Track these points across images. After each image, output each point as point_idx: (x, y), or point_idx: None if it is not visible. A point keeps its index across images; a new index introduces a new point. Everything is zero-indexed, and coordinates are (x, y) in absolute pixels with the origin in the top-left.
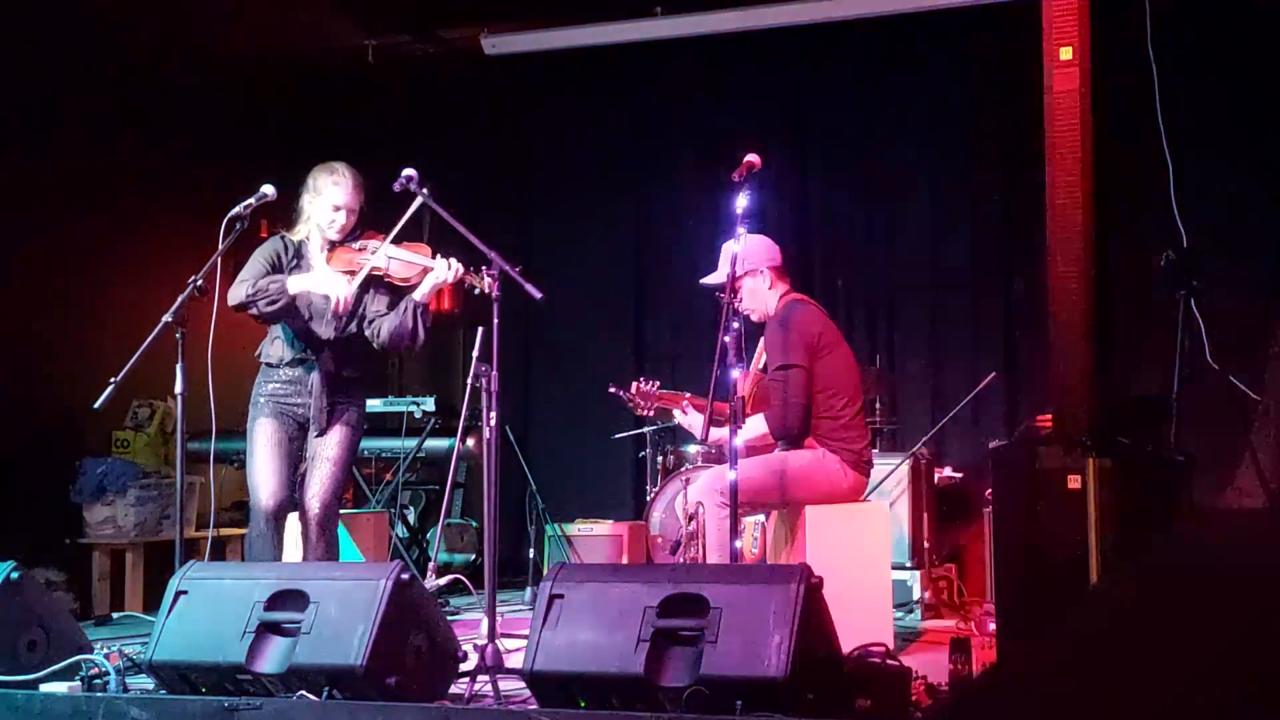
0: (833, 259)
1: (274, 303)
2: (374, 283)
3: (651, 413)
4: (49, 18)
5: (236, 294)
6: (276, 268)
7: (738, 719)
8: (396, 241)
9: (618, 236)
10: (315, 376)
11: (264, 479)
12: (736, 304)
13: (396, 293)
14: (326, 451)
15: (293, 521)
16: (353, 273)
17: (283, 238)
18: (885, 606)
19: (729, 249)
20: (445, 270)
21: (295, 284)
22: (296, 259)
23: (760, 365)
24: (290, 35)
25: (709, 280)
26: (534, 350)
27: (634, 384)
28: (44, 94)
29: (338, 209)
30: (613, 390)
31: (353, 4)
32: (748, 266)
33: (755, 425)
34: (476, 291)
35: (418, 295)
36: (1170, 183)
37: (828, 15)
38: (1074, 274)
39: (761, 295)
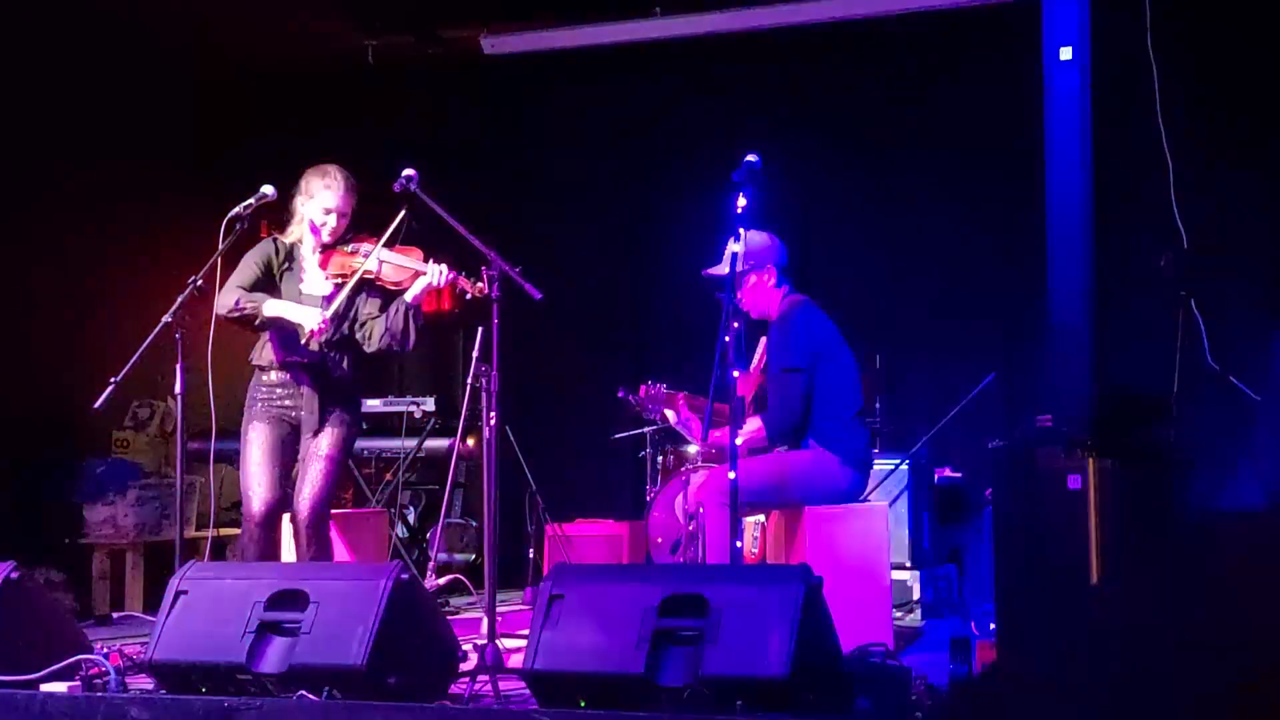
0: (833, 259)
1: (250, 321)
2: (365, 286)
3: (659, 416)
4: (46, 19)
5: (221, 303)
6: (268, 271)
7: (737, 719)
8: (388, 245)
9: (617, 236)
10: (306, 379)
11: (254, 484)
12: (738, 300)
13: (388, 296)
14: (319, 451)
15: (289, 521)
16: (344, 276)
17: (275, 240)
18: (885, 606)
19: (734, 242)
20: (436, 275)
21: (271, 308)
22: (289, 262)
23: (761, 365)
24: (290, 35)
25: (714, 271)
26: (534, 350)
27: (642, 387)
28: (43, 95)
29: (328, 212)
30: (621, 395)
31: (353, 4)
32: (754, 262)
33: (751, 427)
34: (469, 296)
35: (409, 296)
36: (1170, 183)
37: (827, 15)
38: (1073, 274)
39: (765, 292)
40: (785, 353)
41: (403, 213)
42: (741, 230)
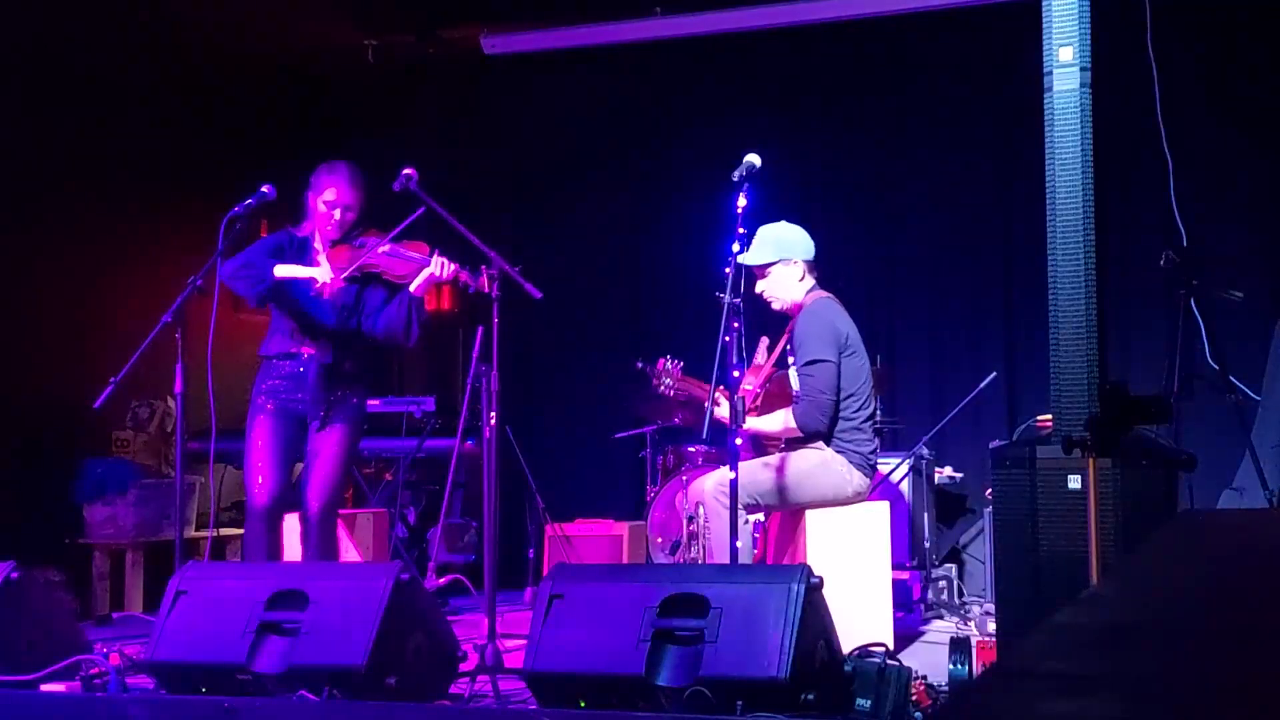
0: (833, 258)
1: (256, 283)
2: (371, 279)
3: (673, 392)
4: (47, 21)
5: (225, 269)
6: (279, 256)
7: (738, 719)
8: (396, 240)
9: (617, 236)
10: (313, 369)
11: (257, 475)
12: (758, 290)
13: (394, 289)
14: (325, 448)
15: (293, 521)
16: (349, 267)
17: (288, 231)
18: (885, 606)
19: (765, 231)
20: (439, 267)
21: (281, 270)
22: (300, 254)
23: (774, 360)
24: (290, 35)
25: (742, 259)
26: (534, 350)
27: (660, 361)
28: (44, 96)
29: (334, 206)
30: (640, 366)
31: (353, 4)
32: (785, 254)
33: (781, 419)
34: (472, 291)
35: (412, 288)
36: (1170, 182)
37: (827, 15)
38: (1074, 274)
39: (790, 285)
40: (812, 345)
41: (417, 212)
42: (740, 230)
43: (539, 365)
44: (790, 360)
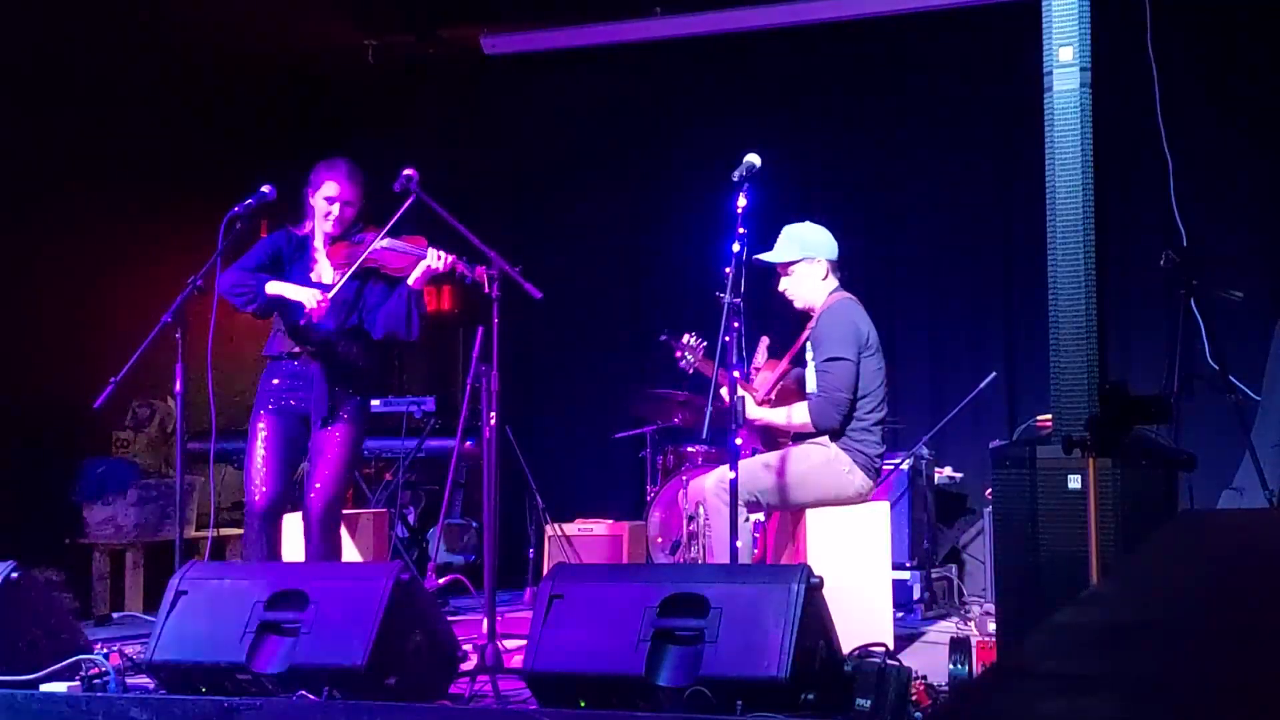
0: None
1: (250, 301)
2: (371, 274)
3: (692, 370)
4: (48, 20)
5: (224, 281)
6: (275, 260)
7: (738, 719)
8: (394, 235)
9: (617, 236)
10: (316, 368)
11: (258, 478)
12: (781, 288)
13: (393, 284)
14: (329, 447)
15: (293, 520)
16: (350, 265)
17: (288, 231)
18: (885, 606)
19: (790, 230)
20: (435, 258)
21: (272, 287)
22: (300, 253)
23: (790, 357)
24: (290, 35)
25: (766, 256)
26: (534, 350)
27: (685, 335)
28: (44, 96)
29: (333, 201)
30: (664, 338)
31: (353, 4)
32: (810, 252)
33: (790, 413)
34: (469, 282)
35: (410, 280)
36: (1170, 182)
37: (827, 15)
38: (1074, 274)
39: (812, 284)
40: (832, 344)
41: (407, 202)
42: (741, 230)
43: (539, 365)
44: (809, 357)
